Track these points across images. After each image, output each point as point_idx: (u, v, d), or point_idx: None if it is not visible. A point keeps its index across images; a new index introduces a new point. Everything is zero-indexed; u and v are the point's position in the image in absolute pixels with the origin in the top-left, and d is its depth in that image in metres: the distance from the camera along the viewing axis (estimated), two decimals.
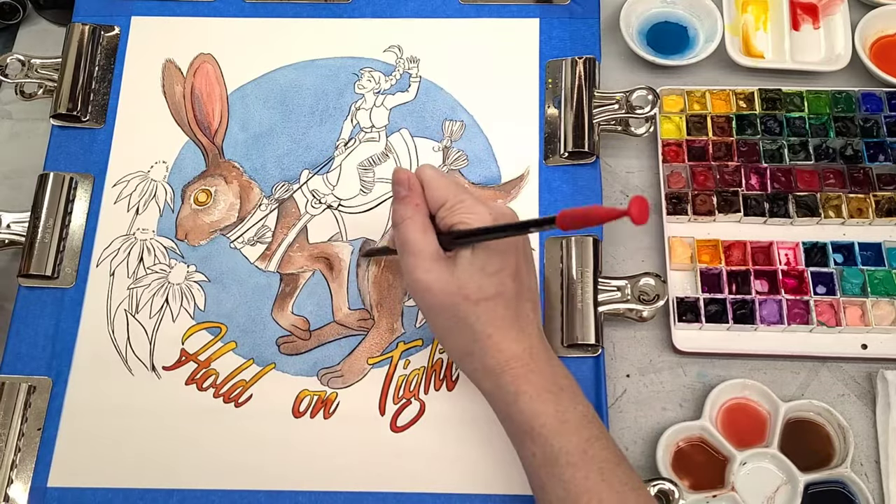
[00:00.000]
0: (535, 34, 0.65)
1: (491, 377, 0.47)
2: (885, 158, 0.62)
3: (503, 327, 0.47)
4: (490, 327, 0.47)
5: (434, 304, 0.47)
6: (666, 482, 0.50)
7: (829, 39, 0.67)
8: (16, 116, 0.68)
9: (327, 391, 0.55)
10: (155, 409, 0.55)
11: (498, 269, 0.47)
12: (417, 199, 0.49)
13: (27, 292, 0.58)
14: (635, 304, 0.55)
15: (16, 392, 0.55)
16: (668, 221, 0.60)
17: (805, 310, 0.57)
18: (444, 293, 0.47)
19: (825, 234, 0.60)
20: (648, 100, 0.60)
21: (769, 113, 0.63)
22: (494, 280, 0.47)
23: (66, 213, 0.60)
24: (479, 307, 0.46)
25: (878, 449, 0.54)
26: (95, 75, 0.64)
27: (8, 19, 0.70)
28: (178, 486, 0.53)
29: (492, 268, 0.47)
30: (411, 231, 0.48)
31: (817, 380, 0.57)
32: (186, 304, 0.58)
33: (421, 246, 0.47)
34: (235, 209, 0.60)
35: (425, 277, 0.47)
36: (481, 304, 0.46)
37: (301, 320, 0.57)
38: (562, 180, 0.60)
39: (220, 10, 0.67)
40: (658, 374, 0.58)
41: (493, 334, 0.47)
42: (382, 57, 0.65)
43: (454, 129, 0.62)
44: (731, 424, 0.55)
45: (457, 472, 0.53)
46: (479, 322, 0.46)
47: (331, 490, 0.52)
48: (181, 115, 0.63)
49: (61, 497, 0.53)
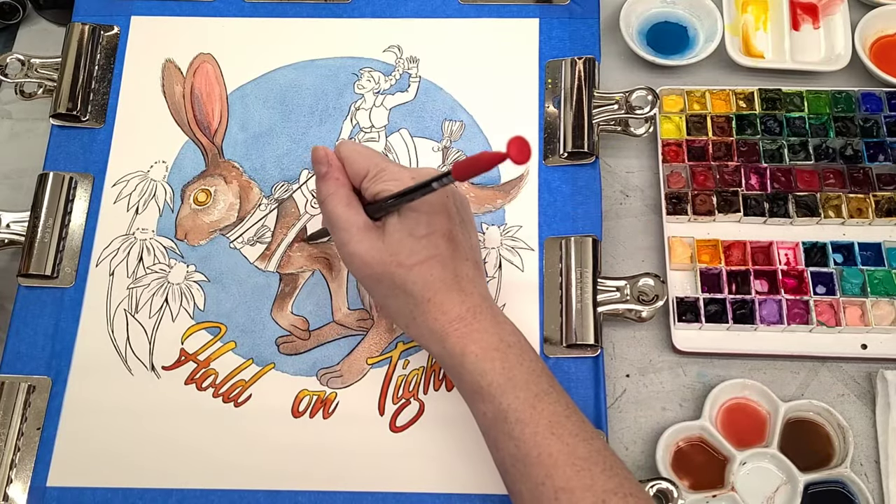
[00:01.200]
0: (535, 34, 0.65)
1: (437, 340, 0.47)
2: (884, 158, 0.62)
3: (442, 289, 0.47)
4: (428, 291, 0.47)
5: (370, 275, 0.48)
6: (666, 482, 0.50)
7: (829, 39, 0.67)
8: (16, 116, 0.68)
9: (327, 391, 0.55)
10: (154, 408, 0.55)
11: (428, 232, 0.47)
12: (337, 173, 0.49)
13: (27, 292, 0.58)
14: (634, 304, 0.55)
15: (15, 392, 0.55)
16: (667, 221, 0.60)
17: (805, 310, 0.57)
18: (377, 262, 0.47)
19: (825, 234, 0.60)
20: (648, 100, 0.60)
21: (769, 113, 0.63)
22: (425, 242, 0.47)
23: (66, 213, 0.60)
24: (414, 272, 0.47)
25: (878, 449, 0.54)
26: (95, 75, 0.64)
27: (8, 19, 0.70)
28: (177, 485, 0.53)
29: (421, 231, 0.47)
30: (336, 205, 0.48)
31: (817, 380, 0.57)
32: (186, 303, 0.58)
33: (348, 218, 0.48)
34: (235, 209, 0.60)
35: (357, 249, 0.47)
36: (415, 268, 0.46)
37: (300, 320, 0.57)
38: (561, 180, 0.60)
39: (220, 10, 0.67)
40: (658, 374, 0.57)
41: (433, 297, 0.47)
42: (382, 57, 0.65)
43: (454, 129, 0.62)
44: (730, 424, 0.55)
45: (456, 472, 0.53)
46: (416, 286, 0.47)
47: (330, 490, 0.52)
48: (181, 115, 0.63)
49: (60, 497, 0.53)
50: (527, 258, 0.58)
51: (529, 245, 0.58)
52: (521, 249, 0.58)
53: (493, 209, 0.60)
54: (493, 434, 0.46)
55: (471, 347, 0.46)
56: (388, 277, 0.47)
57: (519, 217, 0.59)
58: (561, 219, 0.59)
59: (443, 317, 0.47)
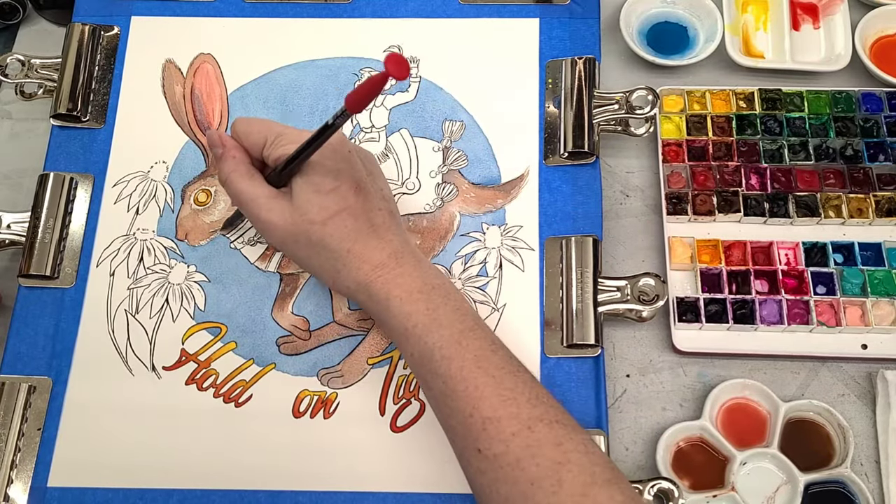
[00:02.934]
0: (535, 34, 0.65)
1: (362, 289, 0.48)
2: (885, 158, 0.62)
3: (360, 239, 0.48)
4: (346, 242, 0.48)
5: (286, 238, 0.49)
6: (666, 482, 0.50)
7: (829, 39, 0.67)
8: (16, 116, 0.68)
9: (327, 391, 0.55)
10: (155, 409, 0.55)
11: (334, 187, 0.48)
12: (234, 151, 0.51)
13: (27, 292, 0.58)
14: (635, 304, 0.55)
15: (16, 392, 0.55)
16: (668, 221, 0.60)
17: (805, 310, 0.57)
18: (290, 224, 0.48)
19: (825, 234, 0.60)
20: (648, 100, 0.60)
21: (769, 113, 0.63)
22: (333, 196, 0.48)
23: (67, 214, 0.60)
24: (328, 226, 0.47)
25: (878, 449, 0.54)
26: (95, 75, 0.64)
27: (8, 19, 0.70)
28: (177, 486, 0.53)
29: (327, 186, 0.48)
30: (238, 182, 0.50)
31: (817, 380, 0.57)
32: (186, 304, 0.58)
33: (252, 191, 0.49)
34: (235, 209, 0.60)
35: (268, 216, 0.48)
36: (328, 223, 0.47)
37: (301, 320, 0.57)
38: (562, 180, 0.60)
39: (220, 10, 0.67)
40: (658, 374, 0.58)
41: (352, 248, 0.48)
42: (382, 57, 0.65)
43: (454, 129, 0.62)
44: (731, 424, 0.55)
45: (457, 472, 0.52)
46: (333, 240, 0.48)
47: (331, 490, 0.52)
48: (181, 115, 0.63)
49: (61, 497, 0.53)
50: (527, 258, 0.58)
51: (530, 245, 0.58)
52: (522, 249, 0.58)
53: (494, 209, 0.60)
54: (422, 373, 0.47)
55: (395, 292, 0.47)
56: (304, 236, 0.48)
57: (519, 217, 0.59)
58: (561, 219, 0.59)
59: (365, 265, 0.48)
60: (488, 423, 0.43)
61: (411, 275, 0.48)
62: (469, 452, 0.44)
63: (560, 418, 0.44)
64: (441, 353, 0.45)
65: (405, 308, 0.47)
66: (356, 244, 0.48)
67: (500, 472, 0.43)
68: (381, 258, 0.48)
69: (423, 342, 0.46)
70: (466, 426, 0.44)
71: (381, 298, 0.47)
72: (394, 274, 0.48)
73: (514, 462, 0.42)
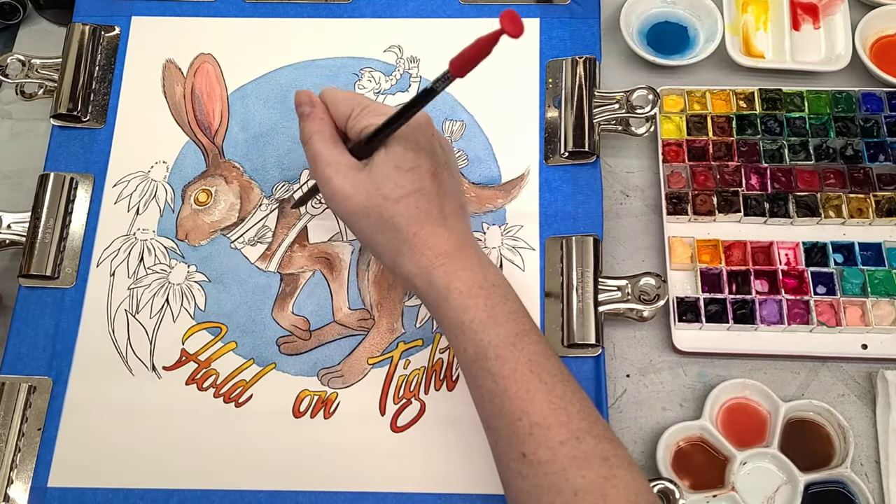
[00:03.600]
0: (536, 34, 0.65)
1: (423, 275, 0.47)
2: (885, 158, 0.62)
3: (428, 223, 0.47)
4: (415, 224, 0.47)
5: (355, 209, 0.48)
6: (666, 482, 0.50)
7: (830, 39, 0.67)
8: (16, 116, 0.68)
9: (327, 391, 0.55)
10: (155, 409, 0.55)
11: (413, 166, 0.47)
12: (321, 113, 0.50)
13: (27, 292, 0.58)
14: (636, 303, 0.55)
15: (16, 392, 0.55)
16: (668, 221, 0.60)
17: (805, 310, 0.57)
18: (363, 195, 0.47)
19: (825, 234, 0.60)
20: (649, 99, 0.60)
21: (769, 113, 0.63)
22: (411, 176, 0.47)
23: (67, 214, 0.60)
24: (400, 204, 0.47)
25: (878, 449, 0.55)
26: (95, 75, 0.64)
27: (8, 19, 0.70)
28: (178, 486, 0.53)
29: (407, 164, 0.47)
30: (320, 143, 0.49)
31: (817, 380, 0.57)
32: (187, 304, 0.58)
33: (332, 155, 0.48)
34: (236, 209, 0.60)
35: (342, 183, 0.47)
36: (401, 201, 0.47)
37: (301, 320, 0.57)
38: (562, 180, 0.60)
39: (220, 10, 0.67)
40: (658, 374, 0.58)
41: (419, 231, 0.47)
42: (383, 57, 0.65)
43: (454, 129, 0.62)
44: (731, 424, 0.55)
45: (457, 472, 0.53)
46: (402, 219, 0.47)
47: (331, 490, 0.52)
48: (181, 116, 0.63)
49: (61, 497, 0.53)
50: (528, 258, 0.58)
51: (530, 245, 0.58)
52: (522, 249, 0.58)
53: (494, 209, 0.60)
54: (473, 370, 0.46)
55: (455, 284, 0.46)
56: (374, 211, 0.47)
57: (520, 217, 0.59)
58: (562, 218, 0.59)
59: (429, 251, 0.47)
60: (536, 429, 0.43)
61: (473, 269, 0.47)
62: (511, 455, 0.44)
63: (607, 434, 0.44)
64: (496, 352, 0.45)
65: (464, 301, 0.46)
66: (423, 228, 0.47)
67: (543, 479, 0.42)
68: (445, 247, 0.47)
69: (478, 338, 0.45)
70: (513, 428, 0.44)
71: (440, 287, 0.46)
72: (456, 266, 0.47)
73: (560, 471, 0.42)
